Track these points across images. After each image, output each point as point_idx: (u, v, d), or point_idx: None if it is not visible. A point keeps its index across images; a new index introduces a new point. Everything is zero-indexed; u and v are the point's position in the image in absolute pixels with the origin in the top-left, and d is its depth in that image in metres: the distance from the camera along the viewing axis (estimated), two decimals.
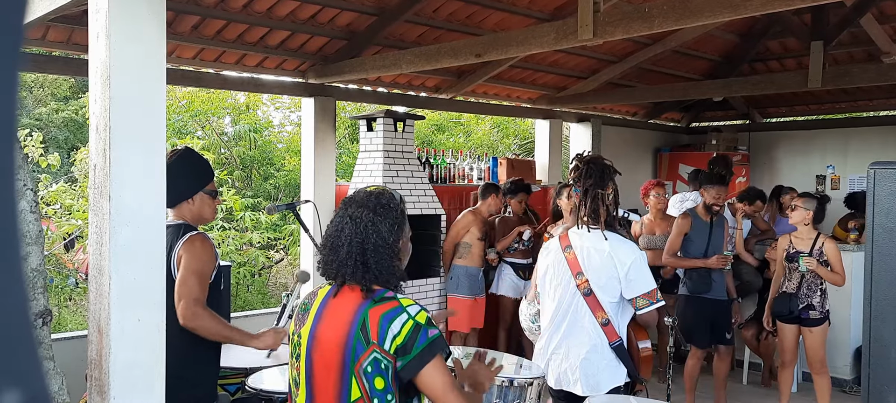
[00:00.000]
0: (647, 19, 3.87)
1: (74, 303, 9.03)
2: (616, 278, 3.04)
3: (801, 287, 5.07)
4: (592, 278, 3.07)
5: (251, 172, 11.54)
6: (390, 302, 1.94)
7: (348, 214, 2.02)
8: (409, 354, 1.87)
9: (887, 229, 2.31)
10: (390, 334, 1.89)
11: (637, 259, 3.05)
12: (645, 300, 3.02)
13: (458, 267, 6.00)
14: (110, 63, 2.55)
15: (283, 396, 3.03)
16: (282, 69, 6.10)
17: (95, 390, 2.63)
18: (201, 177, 3.03)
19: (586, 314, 3.08)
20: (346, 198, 2.11)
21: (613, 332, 3.05)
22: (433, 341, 1.90)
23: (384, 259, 1.97)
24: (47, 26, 4.74)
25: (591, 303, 3.06)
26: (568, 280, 3.14)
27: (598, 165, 3.15)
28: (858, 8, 5.93)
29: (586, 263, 3.09)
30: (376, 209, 2.01)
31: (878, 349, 2.35)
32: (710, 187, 5.40)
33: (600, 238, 3.09)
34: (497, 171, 7.52)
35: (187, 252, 2.82)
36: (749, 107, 9.47)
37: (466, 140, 14.18)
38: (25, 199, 2.70)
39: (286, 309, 3.33)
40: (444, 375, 1.89)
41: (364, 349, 1.89)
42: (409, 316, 1.91)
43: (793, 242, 5.13)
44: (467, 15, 5.97)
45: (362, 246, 1.96)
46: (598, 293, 3.06)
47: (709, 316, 5.40)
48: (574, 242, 3.16)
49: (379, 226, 1.99)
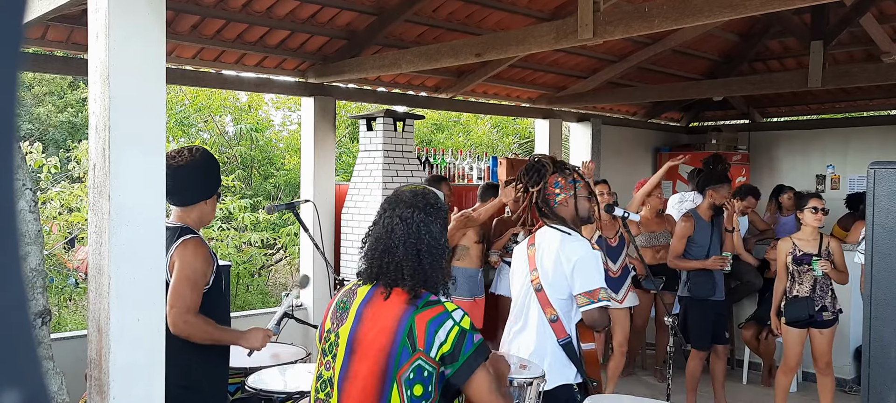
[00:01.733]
0: (646, 19, 3.87)
1: (74, 303, 9.03)
2: (563, 275, 3.06)
3: (816, 289, 5.00)
4: (542, 274, 3.11)
5: (251, 172, 11.54)
6: (436, 306, 1.93)
7: (398, 215, 1.98)
8: (458, 361, 1.88)
9: (887, 229, 2.31)
10: (437, 341, 1.88)
11: (584, 256, 3.02)
12: (585, 298, 2.99)
13: (456, 269, 6.00)
14: (110, 63, 2.55)
15: (283, 395, 3.03)
16: (281, 69, 6.10)
17: (95, 390, 2.63)
18: (216, 182, 3.05)
19: (536, 310, 3.12)
20: (390, 198, 2.07)
21: (562, 329, 3.08)
22: (479, 347, 1.91)
23: (437, 260, 1.96)
24: (47, 26, 4.74)
25: (541, 299, 3.10)
26: (525, 275, 3.20)
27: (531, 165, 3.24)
28: (858, 8, 5.93)
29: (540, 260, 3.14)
30: (427, 209, 1.99)
31: (878, 349, 2.35)
32: (719, 187, 5.39)
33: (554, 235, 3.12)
34: (497, 171, 7.52)
35: (179, 258, 2.80)
36: (749, 107, 9.48)
37: (466, 139, 14.18)
38: (24, 199, 2.70)
39: (282, 310, 3.33)
40: (489, 380, 1.92)
41: (409, 356, 1.87)
42: (455, 321, 1.90)
43: (797, 245, 5.03)
44: (467, 14, 5.97)
45: (417, 247, 1.94)
46: (547, 289, 3.10)
47: (711, 317, 5.40)
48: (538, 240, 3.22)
49: (431, 227, 1.97)
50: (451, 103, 7.62)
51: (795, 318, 5.04)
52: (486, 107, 8.73)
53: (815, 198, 5.09)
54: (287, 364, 3.50)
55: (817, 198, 5.08)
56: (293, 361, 3.55)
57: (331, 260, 6.08)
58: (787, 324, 5.10)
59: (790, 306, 5.05)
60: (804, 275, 5.01)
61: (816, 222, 4.98)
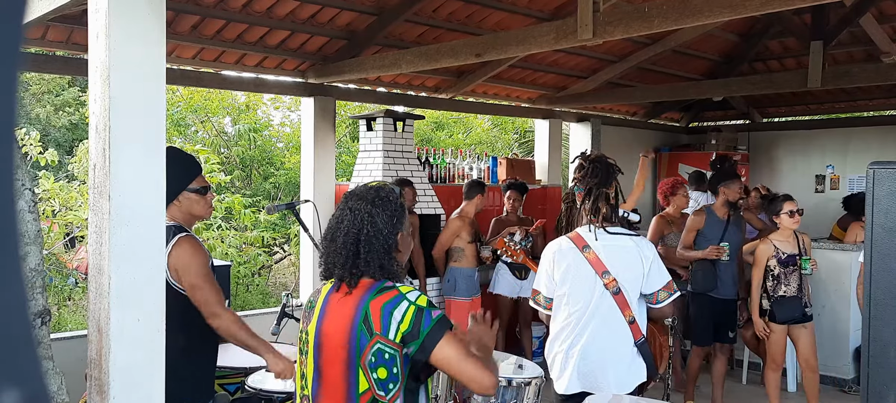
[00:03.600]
0: (646, 19, 3.87)
1: (74, 303, 9.03)
2: (641, 274, 3.04)
3: (802, 288, 5.05)
4: (621, 276, 3.04)
5: (251, 172, 11.54)
6: (389, 291, 1.96)
7: (348, 206, 2.04)
8: (418, 339, 1.90)
9: (887, 229, 2.31)
10: (394, 322, 1.90)
11: (654, 252, 3.10)
12: (665, 292, 3.04)
13: (454, 270, 5.99)
14: (110, 63, 2.55)
15: (282, 396, 3.03)
16: (281, 69, 6.10)
17: (95, 389, 2.63)
18: (182, 176, 2.92)
19: (616, 313, 3.04)
20: (348, 192, 2.13)
21: (638, 330, 3.05)
22: (438, 320, 1.92)
23: (375, 250, 1.98)
24: (47, 26, 4.74)
25: (620, 302, 3.03)
26: (593, 280, 3.06)
27: (602, 163, 3.15)
28: (858, 8, 5.94)
29: (612, 261, 3.05)
30: (375, 201, 2.02)
31: (877, 349, 2.35)
32: (731, 184, 5.39)
33: (623, 235, 3.09)
34: (497, 171, 7.53)
35: (180, 260, 2.80)
36: (749, 107, 9.48)
37: (466, 137, 14.18)
38: (24, 199, 2.70)
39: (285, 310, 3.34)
40: (456, 347, 1.92)
41: (368, 341, 1.91)
42: (410, 302, 1.93)
43: (779, 247, 5.03)
44: (467, 15, 5.97)
45: (357, 236, 1.98)
46: (626, 291, 3.04)
47: (713, 314, 5.39)
48: (591, 242, 3.09)
49: (375, 218, 2.00)
50: (451, 103, 7.62)
51: (787, 318, 5.07)
52: (485, 107, 8.73)
53: (789, 200, 5.06)
54: None
55: (791, 201, 5.05)
56: (293, 361, 3.54)
57: None
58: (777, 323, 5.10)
59: (779, 306, 5.06)
60: (790, 276, 5.02)
61: (794, 225, 5.00)
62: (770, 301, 5.09)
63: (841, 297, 6.34)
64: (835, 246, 6.54)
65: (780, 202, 5.07)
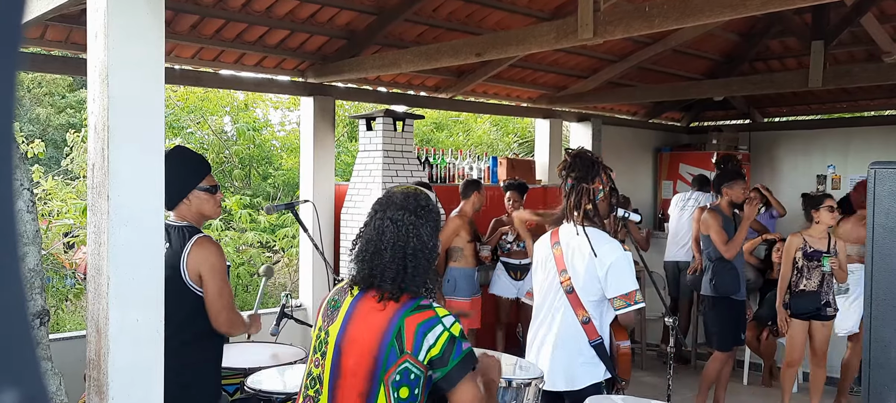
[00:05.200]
0: (647, 19, 3.87)
1: (72, 303, 9.02)
2: (596, 277, 3.02)
3: (823, 284, 5.15)
4: (574, 276, 3.06)
5: (250, 171, 11.54)
6: (426, 311, 1.92)
7: (389, 217, 1.97)
8: (446, 367, 1.88)
9: (887, 229, 2.31)
10: (426, 345, 1.87)
11: (618, 259, 3.01)
12: (622, 301, 2.99)
13: (453, 270, 5.99)
14: (109, 62, 2.55)
15: (282, 396, 3.03)
16: (281, 68, 6.10)
17: (94, 390, 2.63)
18: (193, 175, 2.96)
19: (568, 311, 3.08)
20: (382, 200, 2.06)
21: (594, 331, 3.05)
22: (466, 355, 1.91)
23: (422, 264, 1.95)
24: (46, 25, 4.74)
25: (573, 301, 3.06)
26: (553, 276, 3.14)
27: (584, 159, 3.14)
28: (859, 7, 5.93)
29: (570, 261, 3.08)
30: (417, 211, 1.98)
31: (878, 349, 2.34)
32: (735, 184, 5.42)
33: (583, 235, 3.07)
34: (497, 171, 7.53)
35: (206, 260, 2.82)
36: (750, 107, 9.47)
37: (466, 138, 14.18)
38: (22, 199, 2.69)
39: (284, 310, 3.34)
40: (475, 390, 1.92)
41: (397, 358, 1.87)
42: (445, 327, 1.90)
43: (808, 241, 5.18)
44: (467, 14, 5.97)
45: (404, 250, 1.94)
46: (579, 291, 3.05)
47: (736, 317, 5.40)
48: (562, 239, 3.15)
49: (420, 230, 1.96)
50: (451, 103, 7.62)
51: (801, 311, 5.19)
52: (486, 106, 8.73)
53: (829, 197, 5.29)
54: (286, 364, 3.50)
55: (830, 198, 5.28)
56: (292, 361, 3.55)
57: (330, 260, 6.08)
58: (792, 317, 5.23)
59: (797, 299, 5.20)
60: (813, 271, 5.15)
61: (833, 220, 5.16)
62: (791, 294, 5.23)
63: None
64: None
65: (821, 198, 5.30)
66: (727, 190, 5.41)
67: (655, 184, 9.70)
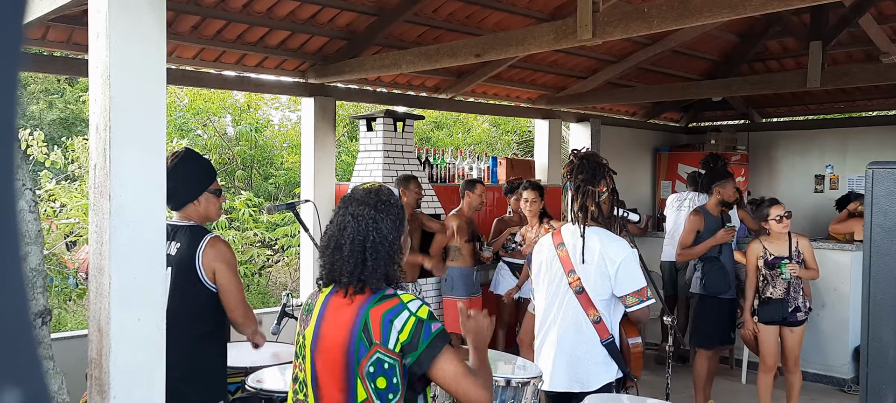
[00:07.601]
0: (646, 19, 3.87)
1: (74, 303, 9.02)
2: (606, 275, 3.03)
3: (789, 291, 4.97)
4: (583, 276, 3.06)
5: (251, 172, 11.54)
6: (391, 299, 1.93)
7: (350, 213, 1.99)
8: (416, 350, 1.88)
9: (886, 229, 2.31)
10: (394, 332, 1.88)
11: (627, 256, 3.04)
12: (635, 298, 3.01)
13: (452, 270, 5.99)
14: (110, 63, 2.55)
15: (283, 395, 3.03)
16: (282, 69, 6.10)
17: (95, 389, 2.63)
18: (204, 178, 3.04)
19: (578, 312, 3.08)
20: (346, 196, 2.08)
21: (605, 330, 3.05)
22: (438, 334, 1.90)
23: (382, 258, 1.96)
24: (47, 26, 4.74)
25: (583, 301, 3.06)
26: (560, 278, 3.13)
27: (591, 162, 3.15)
28: (857, 8, 5.94)
29: (577, 261, 3.09)
30: (378, 206, 1.99)
31: (876, 348, 2.35)
32: (725, 183, 5.40)
33: (591, 235, 3.07)
34: (497, 171, 7.53)
35: (221, 257, 2.86)
36: (748, 107, 9.48)
37: (465, 137, 14.18)
38: (24, 199, 2.70)
39: (285, 309, 3.35)
40: (455, 364, 1.90)
41: (367, 350, 1.88)
42: (411, 312, 1.90)
43: (767, 248, 4.98)
44: (467, 15, 5.97)
45: (363, 244, 1.95)
46: (589, 291, 3.06)
47: (721, 316, 5.39)
48: (566, 240, 3.15)
49: (380, 224, 1.97)
50: (451, 103, 7.62)
51: (769, 319, 5.04)
52: (485, 107, 8.73)
53: (775, 204, 4.96)
54: (287, 363, 3.50)
55: (777, 205, 4.96)
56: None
57: None
58: (761, 323, 5.08)
59: (764, 307, 5.04)
60: (776, 279, 4.96)
61: (783, 229, 4.92)
62: (759, 301, 5.08)
63: (841, 297, 6.34)
64: (834, 246, 6.54)
65: (766, 207, 4.99)
66: (719, 189, 5.42)
67: (654, 184, 9.70)
